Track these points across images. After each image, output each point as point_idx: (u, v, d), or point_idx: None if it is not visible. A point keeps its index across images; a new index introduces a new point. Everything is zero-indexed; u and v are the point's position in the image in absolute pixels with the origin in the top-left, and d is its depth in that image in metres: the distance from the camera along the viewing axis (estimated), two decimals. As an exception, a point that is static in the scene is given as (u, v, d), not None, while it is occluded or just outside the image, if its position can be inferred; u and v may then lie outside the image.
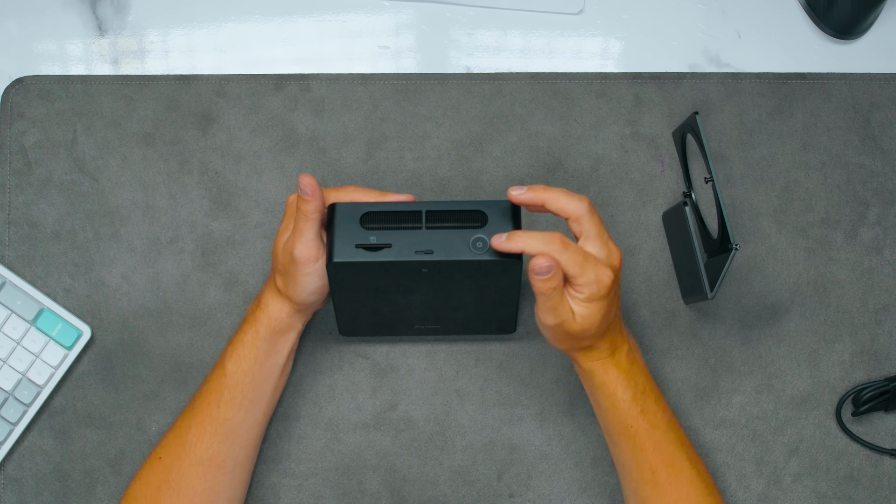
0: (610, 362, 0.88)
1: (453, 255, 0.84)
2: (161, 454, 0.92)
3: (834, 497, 0.99)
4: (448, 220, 0.85)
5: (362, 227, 0.85)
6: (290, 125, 1.02)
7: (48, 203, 1.01)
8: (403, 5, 1.05)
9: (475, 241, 0.84)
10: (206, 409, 0.91)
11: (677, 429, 0.91)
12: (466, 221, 0.85)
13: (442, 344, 1.00)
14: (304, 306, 0.90)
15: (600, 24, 1.05)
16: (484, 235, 0.84)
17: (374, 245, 0.84)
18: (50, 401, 0.99)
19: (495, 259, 0.84)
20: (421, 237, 0.84)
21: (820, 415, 1.00)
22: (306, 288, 0.88)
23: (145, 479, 0.91)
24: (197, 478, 0.90)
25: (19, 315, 0.98)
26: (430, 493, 0.99)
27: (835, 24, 1.03)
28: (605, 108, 1.03)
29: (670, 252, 1.01)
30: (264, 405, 0.93)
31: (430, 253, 0.84)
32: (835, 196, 1.02)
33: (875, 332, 1.01)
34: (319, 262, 0.86)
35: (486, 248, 0.84)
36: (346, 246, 0.84)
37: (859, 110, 1.03)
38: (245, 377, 0.91)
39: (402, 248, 0.84)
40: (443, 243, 0.84)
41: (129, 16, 1.04)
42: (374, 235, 0.84)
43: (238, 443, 0.92)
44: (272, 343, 0.91)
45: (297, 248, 0.86)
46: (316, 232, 0.86)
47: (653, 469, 0.89)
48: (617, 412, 0.89)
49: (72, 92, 1.02)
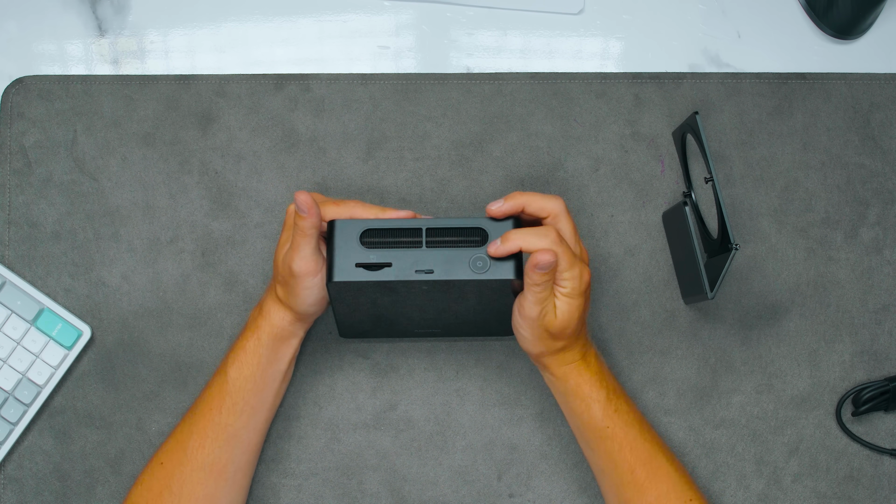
0: (582, 364, 0.90)
1: (453, 275, 0.84)
2: (162, 459, 0.92)
3: (834, 497, 0.99)
4: (448, 237, 0.85)
5: (362, 244, 0.84)
6: (290, 125, 1.02)
7: (48, 203, 1.01)
8: (403, 5, 1.05)
9: (475, 261, 0.84)
10: (207, 415, 0.91)
11: (649, 427, 0.92)
12: (467, 238, 0.85)
13: (442, 344, 1.00)
14: (306, 315, 0.90)
15: (600, 24, 1.05)
16: (484, 255, 0.84)
17: (374, 264, 0.84)
18: (50, 401, 0.99)
19: (496, 279, 0.84)
20: (421, 256, 0.84)
21: (820, 415, 1.00)
22: (306, 300, 0.88)
23: (147, 484, 0.91)
24: (198, 484, 0.90)
25: (19, 315, 0.98)
26: (430, 493, 0.99)
27: (835, 24, 1.03)
28: (605, 108, 1.03)
29: (670, 252, 1.01)
30: (266, 411, 0.93)
31: (430, 273, 0.84)
32: (835, 196, 1.02)
33: (875, 332, 1.01)
34: (318, 276, 0.86)
35: (486, 267, 0.84)
36: (346, 265, 0.84)
37: (859, 110, 1.03)
38: (247, 384, 0.91)
39: (402, 268, 0.84)
40: (443, 262, 0.84)
41: (129, 16, 1.04)
42: (373, 254, 0.84)
43: (239, 448, 0.92)
44: (274, 350, 0.91)
45: (295, 263, 0.86)
46: (314, 247, 0.86)
47: (632, 469, 0.90)
48: (592, 415, 0.90)
49: (72, 92, 1.02)
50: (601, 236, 1.01)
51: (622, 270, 1.01)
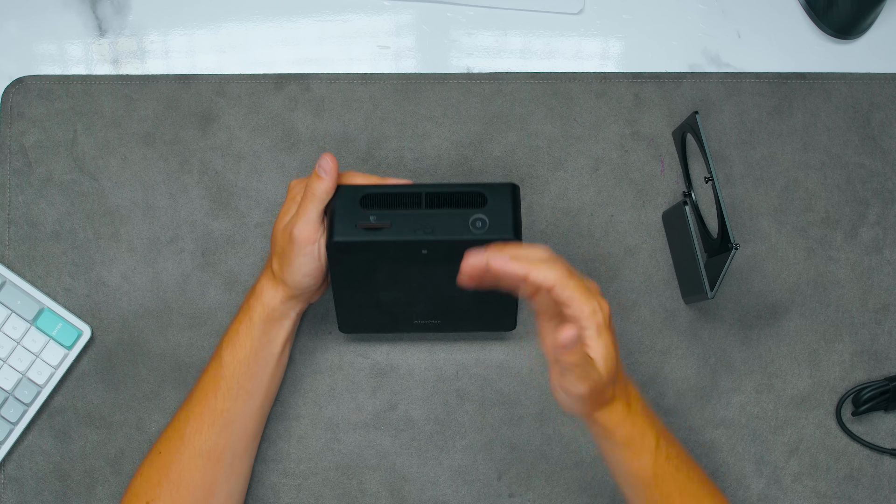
0: (628, 412, 0.83)
1: (453, 235, 0.84)
2: (160, 448, 0.92)
3: (834, 497, 0.99)
4: (447, 202, 0.85)
5: (362, 208, 0.85)
6: (290, 125, 1.02)
7: (48, 203, 1.01)
8: (403, 5, 1.05)
9: (475, 221, 0.84)
10: (203, 400, 0.91)
11: (695, 464, 0.88)
12: (466, 203, 0.85)
13: (442, 344, 1.00)
14: (298, 291, 0.90)
15: (600, 24, 1.05)
16: (484, 216, 0.84)
17: (375, 225, 0.84)
18: (50, 400, 0.99)
19: (495, 238, 0.84)
20: (421, 218, 0.85)
21: (820, 414, 1.00)
22: (301, 269, 0.88)
23: (146, 474, 0.92)
24: (196, 471, 0.90)
25: (19, 315, 0.98)
26: (430, 493, 0.99)
27: (835, 24, 1.03)
28: (605, 107, 1.03)
29: (670, 252, 1.01)
30: (261, 396, 0.93)
31: (430, 232, 0.84)
32: (835, 196, 1.02)
33: (875, 332, 1.01)
34: (316, 245, 0.87)
35: (485, 227, 0.84)
36: (347, 226, 0.85)
37: (859, 110, 1.03)
38: (241, 367, 0.91)
39: (402, 228, 0.84)
40: (442, 224, 0.84)
41: (129, 16, 1.04)
42: (374, 216, 0.85)
43: (236, 434, 0.92)
44: (266, 331, 0.91)
45: (297, 227, 0.86)
46: (319, 213, 0.86)
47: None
48: (642, 464, 0.83)
49: (72, 92, 1.02)
50: (601, 236, 1.01)
51: (622, 270, 1.01)
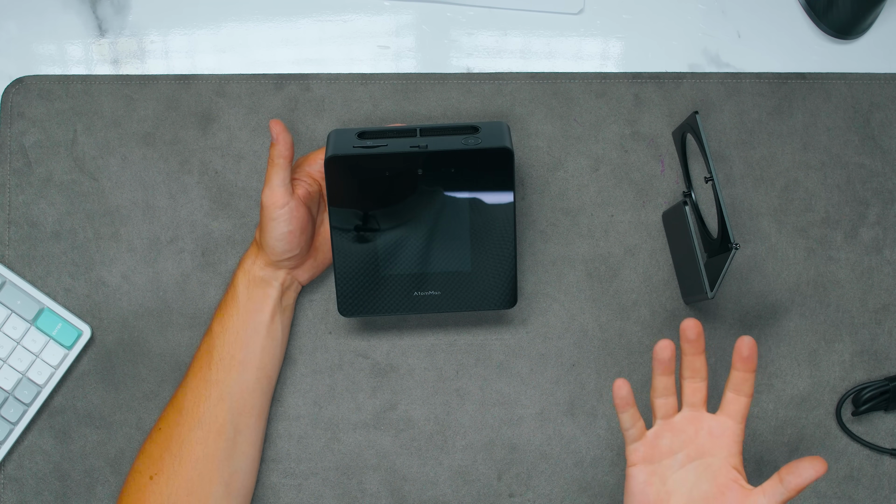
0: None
1: (447, 146, 0.89)
2: (161, 425, 0.93)
3: (834, 497, 0.99)
4: (442, 133, 0.92)
5: (359, 139, 0.91)
6: (290, 125, 1.02)
7: (48, 203, 1.01)
8: (403, 5, 1.05)
9: (467, 139, 0.90)
10: (198, 373, 0.93)
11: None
12: (459, 132, 0.92)
13: (442, 343, 1.00)
14: (275, 256, 0.92)
15: (600, 24, 1.05)
16: (477, 136, 0.90)
17: (371, 145, 0.90)
18: (50, 400, 0.99)
19: (488, 147, 0.88)
20: (416, 140, 0.90)
21: (820, 415, 1.00)
22: (272, 233, 0.91)
23: (148, 451, 0.93)
24: (197, 443, 0.91)
25: (19, 315, 0.98)
26: (430, 493, 0.99)
27: (835, 24, 1.03)
28: (605, 108, 1.03)
29: (670, 252, 1.01)
30: (254, 369, 0.94)
31: (424, 148, 0.89)
32: (835, 196, 1.02)
33: (875, 332, 1.01)
34: (286, 208, 0.90)
35: (478, 142, 0.89)
36: (343, 147, 0.90)
37: (859, 110, 1.03)
38: (230, 336, 0.93)
39: (397, 145, 0.90)
40: (436, 141, 0.90)
41: (129, 16, 1.04)
42: (370, 142, 0.90)
43: (234, 408, 0.92)
44: (250, 297, 0.93)
45: (264, 194, 0.91)
46: (282, 179, 0.90)
47: None
48: None
49: (72, 92, 1.02)
50: (601, 236, 1.01)
51: (622, 270, 1.01)
